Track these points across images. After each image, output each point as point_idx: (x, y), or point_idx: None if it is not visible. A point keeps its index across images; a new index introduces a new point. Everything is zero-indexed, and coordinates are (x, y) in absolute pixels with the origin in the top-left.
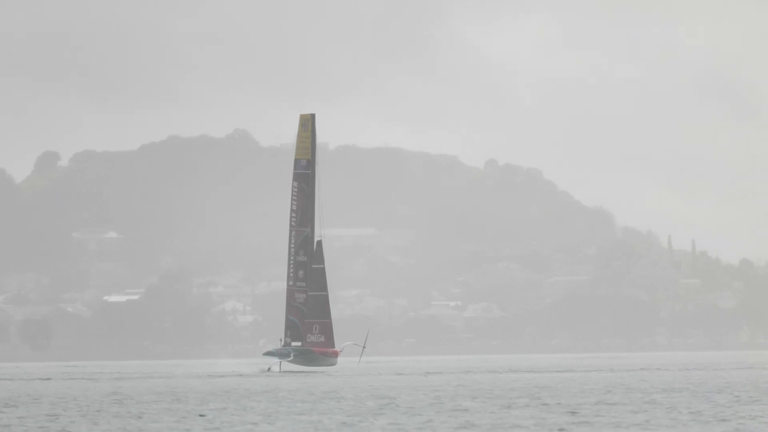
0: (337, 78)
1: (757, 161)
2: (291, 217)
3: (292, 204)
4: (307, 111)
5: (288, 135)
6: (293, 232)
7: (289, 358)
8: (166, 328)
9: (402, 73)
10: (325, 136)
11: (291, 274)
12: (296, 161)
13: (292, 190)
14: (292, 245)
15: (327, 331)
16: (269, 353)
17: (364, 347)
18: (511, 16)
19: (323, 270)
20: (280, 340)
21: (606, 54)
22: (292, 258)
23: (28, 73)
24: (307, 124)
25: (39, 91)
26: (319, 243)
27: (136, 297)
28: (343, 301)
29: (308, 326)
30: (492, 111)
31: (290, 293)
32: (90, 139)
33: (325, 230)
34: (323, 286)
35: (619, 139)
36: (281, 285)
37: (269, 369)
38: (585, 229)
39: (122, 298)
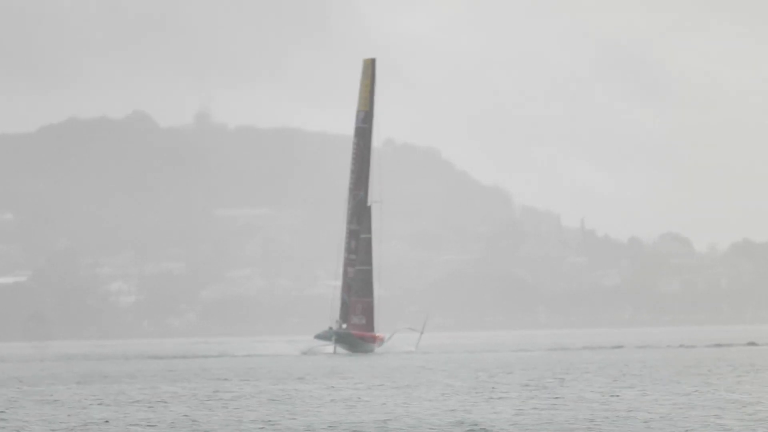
0: (236, 57)
1: (662, 140)
2: (350, 178)
3: (352, 163)
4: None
5: (187, 116)
6: (350, 196)
7: (331, 342)
8: (49, 310)
9: (302, 52)
10: (223, 116)
11: (345, 245)
12: (357, 114)
13: (353, 147)
14: (349, 211)
15: (368, 312)
16: (318, 336)
17: (422, 333)
18: None
19: (370, 240)
20: (336, 321)
21: (509, 32)
22: (347, 226)
23: None
24: (368, 70)
25: None
26: (368, 209)
27: (23, 278)
28: (230, 281)
29: (353, 306)
30: (390, 90)
31: (344, 267)
32: None
33: (376, 194)
34: (368, 260)
35: (521, 118)
36: (169, 266)
37: (305, 353)
38: (482, 208)
39: (9, 280)
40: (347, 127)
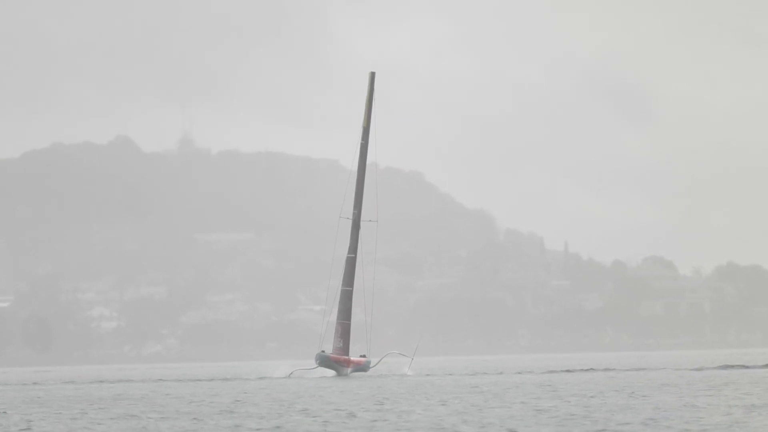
0: (219, 83)
1: (647, 163)
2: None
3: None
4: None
5: (170, 141)
6: (352, 214)
7: (315, 366)
8: (31, 335)
9: (285, 76)
10: (206, 141)
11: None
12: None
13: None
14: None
15: (346, 335)
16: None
17: (413, 359)
18: (397, 16)
19: (354, 261)
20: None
21: (494, 55)
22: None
23: None
24: (370, 84)
25: None
26: (357, 228)
27: (6, 304)
28: (211, 305)
29: (335, 328)
30: (374, 113)
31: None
32: None
33: (370, 213)
34: (350, 281)
35: (506, 141)
36: (150, 290)
37: (290, 375)
38: (465, 231)
39: None
40: (330, 151)
